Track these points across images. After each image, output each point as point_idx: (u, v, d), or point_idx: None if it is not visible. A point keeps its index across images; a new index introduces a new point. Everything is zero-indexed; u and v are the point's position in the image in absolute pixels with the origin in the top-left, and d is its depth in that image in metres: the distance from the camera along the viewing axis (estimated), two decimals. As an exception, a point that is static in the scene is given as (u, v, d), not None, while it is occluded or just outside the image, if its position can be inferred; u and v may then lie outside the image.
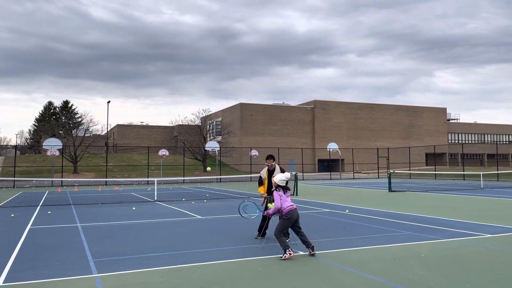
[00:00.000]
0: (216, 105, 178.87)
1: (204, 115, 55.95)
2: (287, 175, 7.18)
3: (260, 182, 8.74)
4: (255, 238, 8.53)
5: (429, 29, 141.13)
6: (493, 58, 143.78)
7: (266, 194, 8.52)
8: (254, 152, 44.14)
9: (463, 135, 75.66)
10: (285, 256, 6.59)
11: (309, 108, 61.79)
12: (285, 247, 6.64)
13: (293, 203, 7.03)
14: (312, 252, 6.81)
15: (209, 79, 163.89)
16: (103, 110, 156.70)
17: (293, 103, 67.83)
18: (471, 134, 76.61)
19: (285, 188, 7.10)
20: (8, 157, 55.44)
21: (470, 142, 75.14)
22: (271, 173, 8.64)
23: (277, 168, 8.65)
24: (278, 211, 6.91)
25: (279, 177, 7.12)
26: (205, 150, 46.44)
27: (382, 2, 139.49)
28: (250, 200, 6.84)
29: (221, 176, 34.73)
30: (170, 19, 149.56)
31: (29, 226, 10.53)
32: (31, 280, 5.56)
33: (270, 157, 8.69)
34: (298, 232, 6.98)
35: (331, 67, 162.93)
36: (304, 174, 44.39)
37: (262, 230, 8.45)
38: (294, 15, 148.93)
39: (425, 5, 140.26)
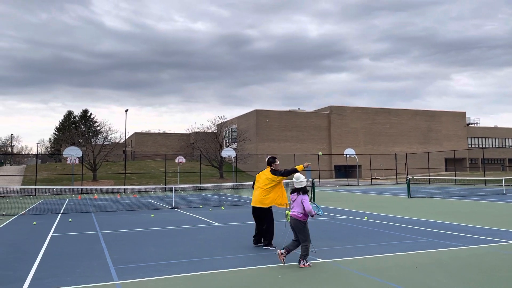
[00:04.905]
0: (230, 112, 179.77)
1: (220, 122, 56.26)
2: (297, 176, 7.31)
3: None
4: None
5: (444, 32, 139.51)
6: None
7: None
8: (270, 159, 44.01)
9: (484, 139, 74.19)
10: (304, 264, 6.63)
11: (325, 114, 61.52)
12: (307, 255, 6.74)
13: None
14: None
15: (223, 86, 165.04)
16: (119, 118, 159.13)
17: (308, 108, 67.67)
18: (492, 138, 75.08)
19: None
20: (30, 166, 56.65)
21: (490, 146, 73.66)
22: None
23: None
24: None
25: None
26: (221, 157, 46.62)
27: (396, 5, 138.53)
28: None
29: (238, 183, 34.80)
30: (182, 27, 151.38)
31: (50, 234, 10.72)
32: (54, 287, 5.66)
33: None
34: None
35: (345, 71, 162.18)
36: (320, 180, 44.13)
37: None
38: (305, 19, 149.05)
39: (439, 7, 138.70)
